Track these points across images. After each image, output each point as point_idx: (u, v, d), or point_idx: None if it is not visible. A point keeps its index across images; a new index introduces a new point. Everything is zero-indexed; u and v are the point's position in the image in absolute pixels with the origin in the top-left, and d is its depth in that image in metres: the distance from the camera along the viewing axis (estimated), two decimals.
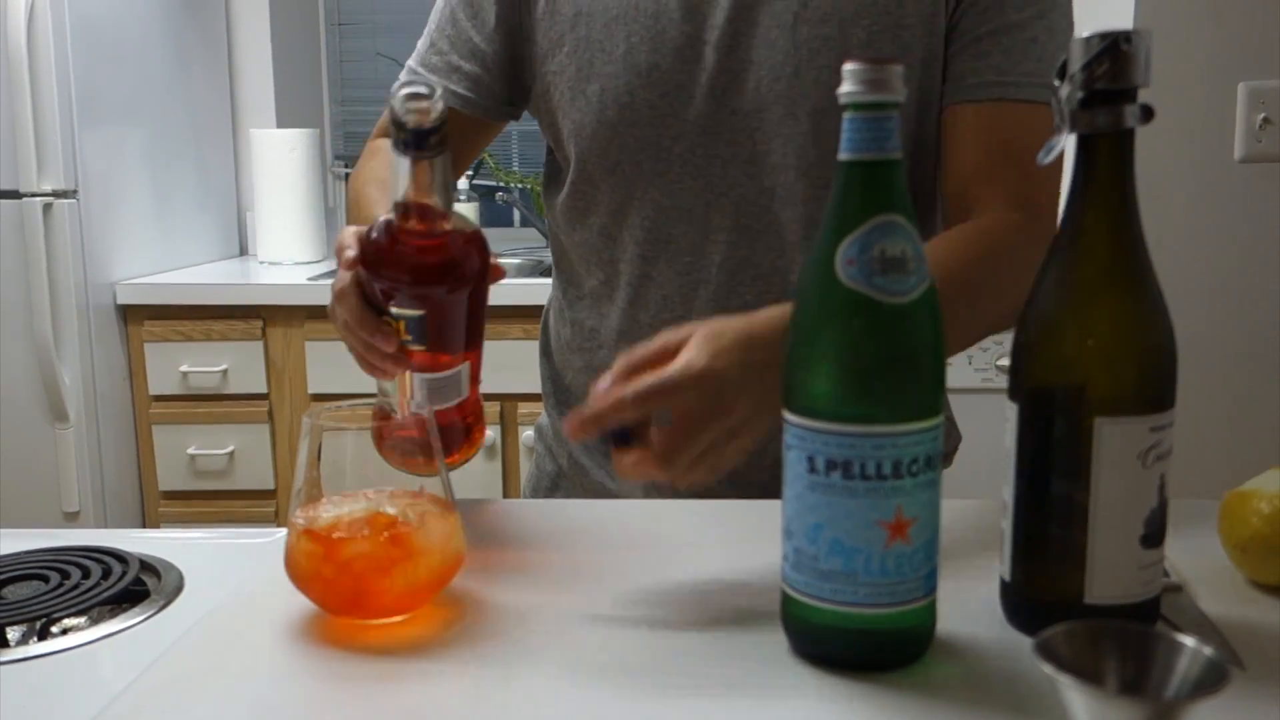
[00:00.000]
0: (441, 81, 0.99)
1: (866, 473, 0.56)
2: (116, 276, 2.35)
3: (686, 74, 0.90)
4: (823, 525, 0.58)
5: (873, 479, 0.56)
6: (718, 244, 0.92)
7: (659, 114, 0.91)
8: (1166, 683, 0.49)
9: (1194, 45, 1.93)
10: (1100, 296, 0.61)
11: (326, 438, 0.66)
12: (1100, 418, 0.59)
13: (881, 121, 0.56)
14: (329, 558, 0.64)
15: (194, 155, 2.68)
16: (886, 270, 0.56)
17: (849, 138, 0.57)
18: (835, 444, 0.57)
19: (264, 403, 2.38)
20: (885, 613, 0.58)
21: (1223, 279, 1.98)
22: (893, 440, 0.56)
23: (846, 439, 0.56)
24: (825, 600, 0.59)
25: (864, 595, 0.58)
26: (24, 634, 0.68)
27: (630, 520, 0.85)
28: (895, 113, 0.57)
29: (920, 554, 0.58)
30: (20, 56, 2.09)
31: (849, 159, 0.57)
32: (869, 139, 0.57)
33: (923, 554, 0.58)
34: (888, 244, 0.56)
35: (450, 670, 0.61)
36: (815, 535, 0.58)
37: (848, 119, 0.57)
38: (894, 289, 0.56)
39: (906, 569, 0.58)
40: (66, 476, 2.25)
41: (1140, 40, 0.58)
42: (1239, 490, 0.72)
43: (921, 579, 0.59)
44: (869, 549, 0.57)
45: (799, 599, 0.60)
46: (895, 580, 0.57)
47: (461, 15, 0.99)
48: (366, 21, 3.06)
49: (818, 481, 0.58)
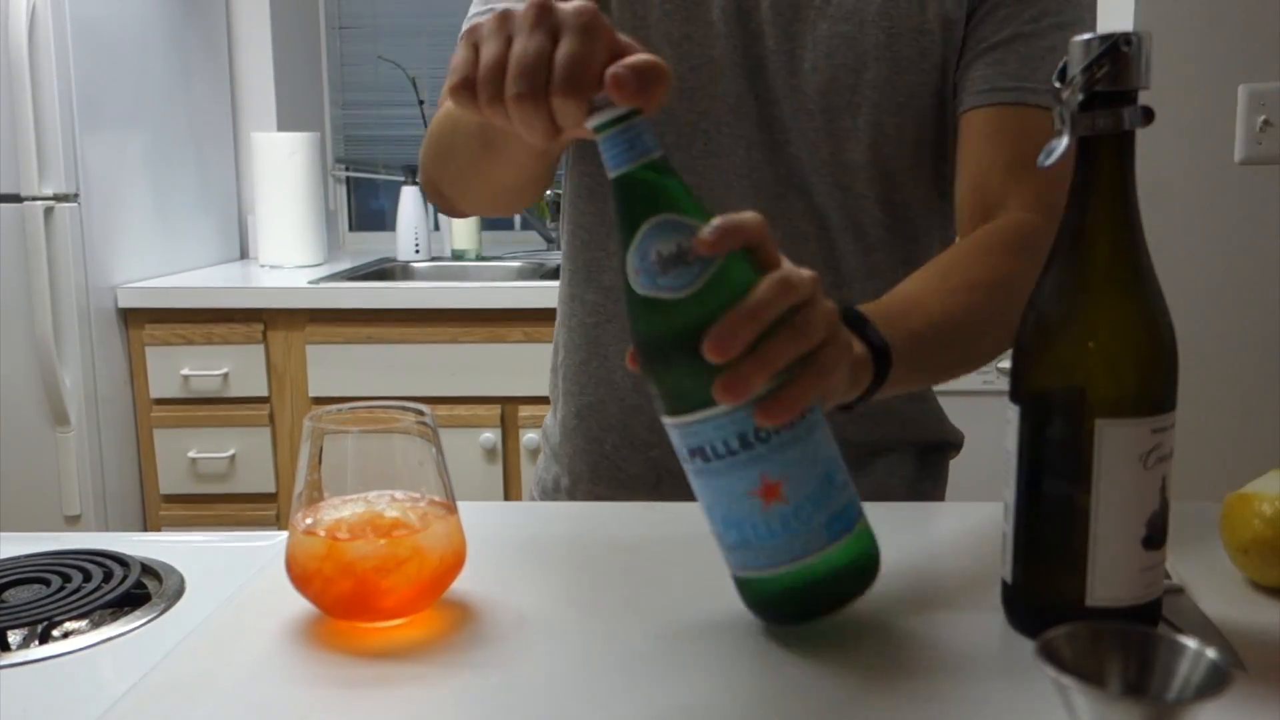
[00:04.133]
0: None
1: (718, 453, 0.59)
2: (117, 280, 2.35)
3: (719, 49, 0.89)
4: (712, 507, 0.62)
5: (725, 457, 0.59)
6: None
7: (688, 86, 0.90)
8: (1168, 685, 0.49)
9: (1194, 47, 1.93)
10: (1101, 298, 0.61)
11: (328, 441, 0.66)
12: (1101, 420, 0.59)
13: (625, 134, 0.58)
14: (330, 561, 0.64)
15: (195, 159, 2.68)
16: (666, 269, 0.57)
17: (606, 159, 0.59)
18: (684, 435, 0.60)
19: (265, 406, 2.38)
20: (795, 568, 0.61)
21: (1223, 281, 1.98)
22: (728, 419, 0.58)
23: (690, 429, 0.59)
24: (746, 569, 0.63)
25: (765, 559, 0.61)
26: (25, 638, 0.68)
27: (632, 522, 0.85)
28: (636, 119, 0.58)
29: (806, 507, 0.60)
30: (21, 60, 2.09)
31: (612, 177, 0.59)
32: (620, 154, 0.58)
33: (809, 507, 0.60)
34: (660, 245, 0.58)
35: (451, 674, 0.61)
36: (713, 517, 0.62)
37: (599, 143, 0.58)
38: (679, 283, 0.57)
39: (795, 525, 0.60)
40: (67, 480, 2.25)
41: (1140, 42, 0.58)
42: (1240, 492, 0.72)
43: (820, 527, 0.60)
44: (752, 517, 0.60)
45: (736, 576, 0.64)
46: (789, 537, 0.60)
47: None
48: (367, 25, 3.07)
49: (692, 470, 0.61)
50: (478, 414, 2.32)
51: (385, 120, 3.09)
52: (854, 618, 0.67)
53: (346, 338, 2.33)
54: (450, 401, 2.31)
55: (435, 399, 2.28)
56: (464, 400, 2.32)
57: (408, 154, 3.04)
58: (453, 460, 0.69)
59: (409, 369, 2.31)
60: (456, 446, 2.27)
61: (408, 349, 2.31)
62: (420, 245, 2.79)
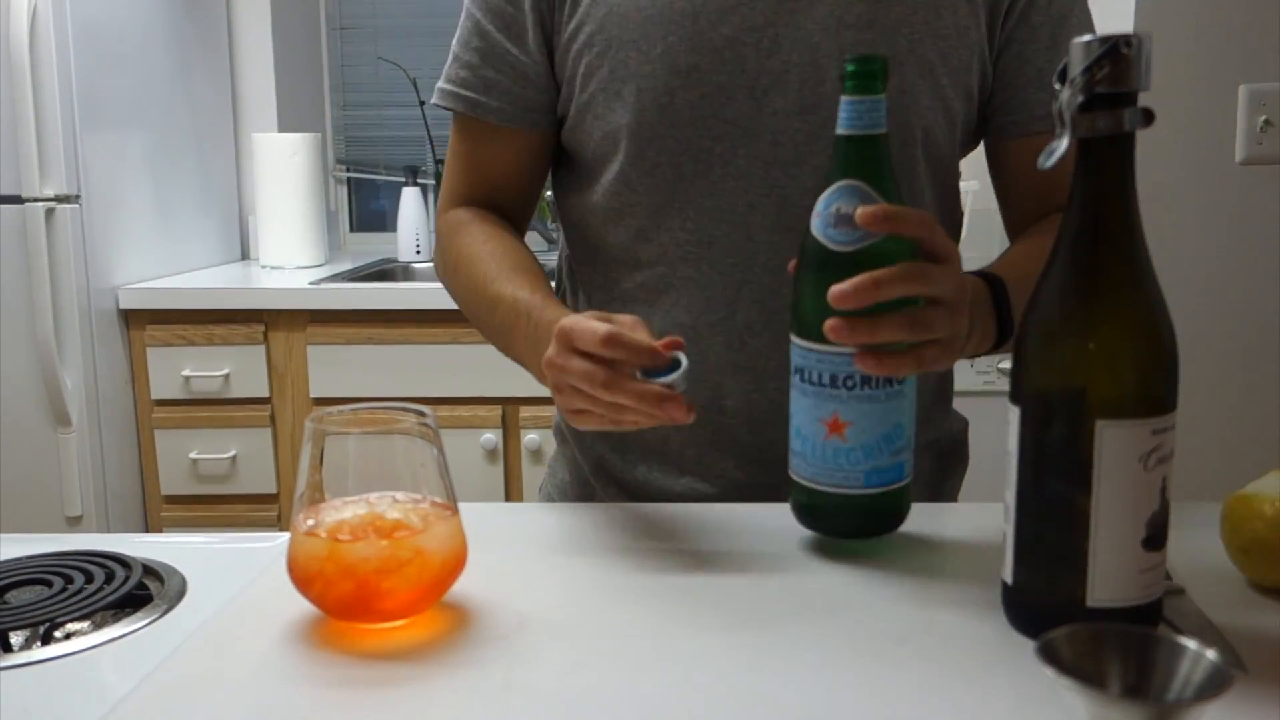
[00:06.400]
0: (478, 97, 0.98)
1: (812, 379, 0.74)
2: (118, 281, 2.35)
3: (726, 75, 0.90)
4: (793, 415, 0.77)
5: (815, 385, 0.74)
6: (760, 244, 0.92)
7: (699, 115, 0.91)
8: (1168, 686, 0.49)
9: (1195, 48, 1.93)
10: (1101, 299, 0.61)
11: (329, 441, 0.66)
12: (1102, 420, 0.59)
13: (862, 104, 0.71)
14: (332, 562, 0.64)
15: (196, 159, 2.69)
16: (838, 224, 0.71)
17: (839, 117, 0.72)
18: (797, 355, 0.75)
19: (266, 407, 2.38)
20: (831, 492, 0.75)
21: (1224, 281, 1.98)
22: (830, 358, 0.73)
23: (801, 351, 0.75)
24: (796, 472, 0.77)
25: (811, 473, 0.76)
26: (27, 639, 0.68)
27: (633, 524, 0.85)
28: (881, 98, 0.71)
29: (858, 453, 0.74)
30: (22, 61, 2.09)
31: (837, 133, 0.73)
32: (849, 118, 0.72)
33: (860, 453, 0.74)
34: (843, 204, 0.71)
35: (452, 674, 0.61)
36: (791, 423, 0.77)
37: (841, 101, 0.72)
38: (841, 239, 0.71)
39: (843, 461, 0.74)
40: (69, 481, 2.25)
41: (1140, 44, 0.58)
42: (1241, 493, 0.72)
43: (862, 473, 0.74)
44: (815, 439, 0.75)
45: (790, 474, 0.78)
46: (835, 468, 0.74)
47: (491, 28, 0.97)
48: (368, 26, 3.07)
49: (794, 383, 0.76)
50: (479, 415, 2.32)
51: (386, 121, 3.09)
52: (855, 617, 0.67)
53: (347, 338, 2.33)
54: (451, 402, 2.31)
55: (436, 399, 2.28)
56: (465, 401, 2.32)
57: (409, 155, 3.04)
58: (454, 461, 0.69)
59: (410, 370, 2.31)
60: (458, 447, 2.27)
61: (409, 350, 2.31)
62: (421, 246, 2.79)
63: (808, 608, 0.69)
